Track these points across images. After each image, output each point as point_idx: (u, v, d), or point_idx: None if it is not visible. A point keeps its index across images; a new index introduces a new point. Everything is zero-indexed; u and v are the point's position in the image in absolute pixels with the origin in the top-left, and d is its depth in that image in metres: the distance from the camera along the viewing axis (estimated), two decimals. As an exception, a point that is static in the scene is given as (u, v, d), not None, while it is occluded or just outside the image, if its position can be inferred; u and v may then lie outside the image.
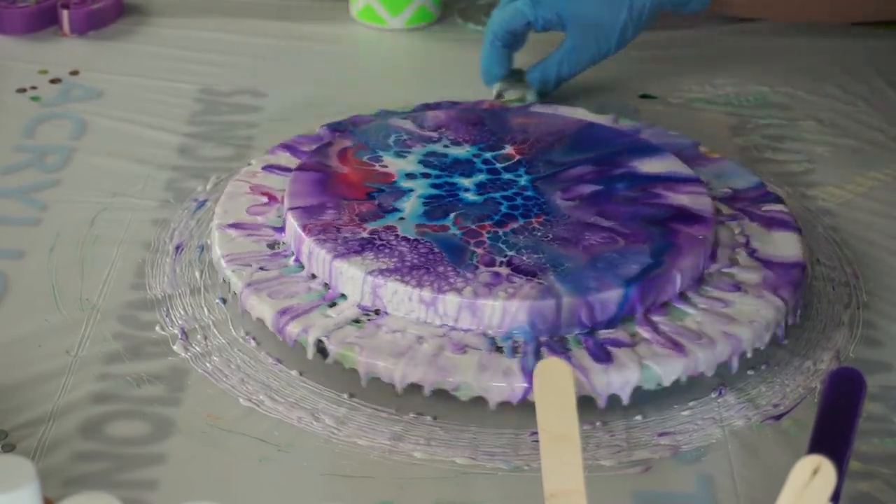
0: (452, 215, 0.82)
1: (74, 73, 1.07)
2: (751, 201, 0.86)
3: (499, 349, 0.73)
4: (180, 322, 0.79)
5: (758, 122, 1.03)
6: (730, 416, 0.74)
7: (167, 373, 0.76)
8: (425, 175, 0.86)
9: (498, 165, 0.87)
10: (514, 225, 0.81)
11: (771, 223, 0.84)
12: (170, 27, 1.15)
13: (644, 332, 0.74)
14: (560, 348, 0.73)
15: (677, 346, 0.73)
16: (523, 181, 0.85)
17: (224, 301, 0.81)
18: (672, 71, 1.10)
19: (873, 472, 0.70)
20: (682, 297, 0.77)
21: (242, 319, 0.79)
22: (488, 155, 0.88)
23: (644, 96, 1.06)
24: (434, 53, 1.13)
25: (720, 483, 0.69)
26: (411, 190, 0.84)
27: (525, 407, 0.71)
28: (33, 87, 1.05)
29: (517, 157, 0.88)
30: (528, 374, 0.71)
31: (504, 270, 0.76)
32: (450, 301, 0.74)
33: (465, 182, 0.85)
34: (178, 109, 1.02)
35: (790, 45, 1.14)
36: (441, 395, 0.72)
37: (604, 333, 0.74)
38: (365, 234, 0.79)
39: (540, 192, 0.84)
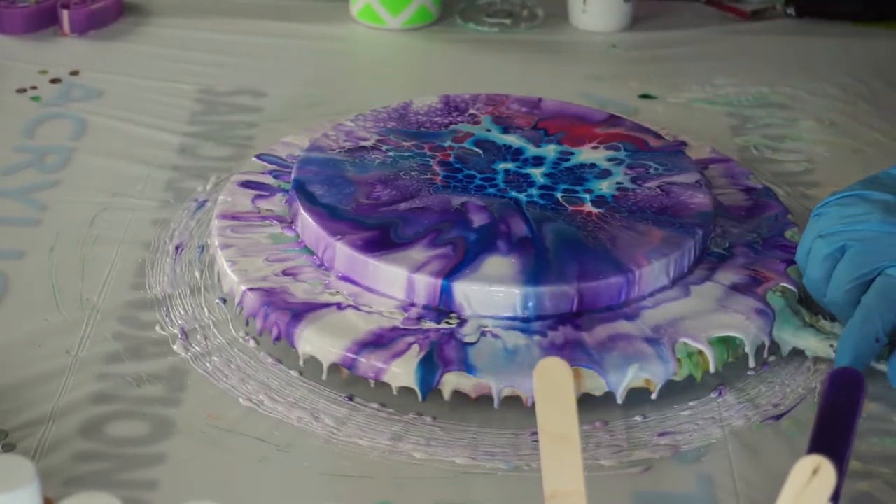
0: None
1: (74, 73, 1.06)
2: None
3: None
4: (180, 322, 0.79)
5: (758, 122, 1.03)
6: (730, 416, 0.74)
7: (167, 373, 0.76)
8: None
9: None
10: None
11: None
12: (170, 27, 1.15)
13: None
14: None
15: None
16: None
17: (224, 301, 0.81)
18: (672, 71, 1.10)
19: (873, 472, 0.70)
20: None
21: (242, 319, 0.79)
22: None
23: (644, 96, 1.06)
24: (434, 53, 1.13)
25: (720, 483, 0.69)
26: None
27: (525, 407, 0.71)
28: (33, 87, 1.05)
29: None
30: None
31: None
32: None
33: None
34: (178, 109, 1.02)
35: (790, 45, 1.14)
36: (441, 394, 0.72)
37: None
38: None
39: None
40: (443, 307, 0.76)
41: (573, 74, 1.09)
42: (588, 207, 0.82)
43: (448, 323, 0.75)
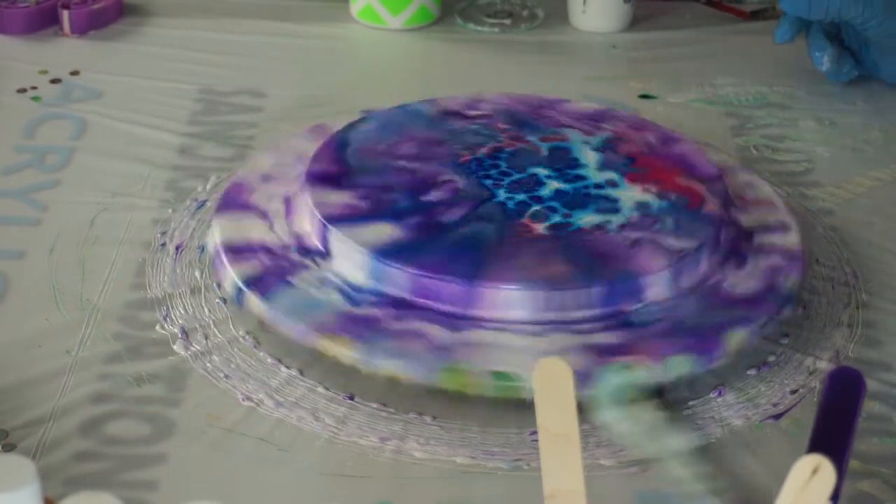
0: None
1: (74, 73, 1.06)
2: None
3: None
4: (180, 322, 0.79)
5: (758, 122, 1.03)
6: (730, 416, 0.74)
7: (167, 373, 0.76)
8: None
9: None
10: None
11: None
12: (170, 27, 1.15)
13: None
14: None
15: None
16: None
17: (224, 301, 0.81)
18: (672, 71, 1.10)
19: (873, 471, 0.70)
20: None
21: (243, 319, 0.79)
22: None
23: (644, 96, 1.06)
24: (434, 53, 1.13)
25: (720, 483, 0.69)
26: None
27: (525, 407, 0.71)
28: (33, 88, 1.05)
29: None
30: None
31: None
32: None
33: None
34: (178, 109, 1.02)
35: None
36: (441, 394, 0.72)
37: None
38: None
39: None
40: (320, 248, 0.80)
41: (573, 74, 1.09)
42: (538, 227, 0.80)
43: (315, 262, 0.79)
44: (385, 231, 0.79)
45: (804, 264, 0.82)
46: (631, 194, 0.84)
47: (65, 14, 1.12)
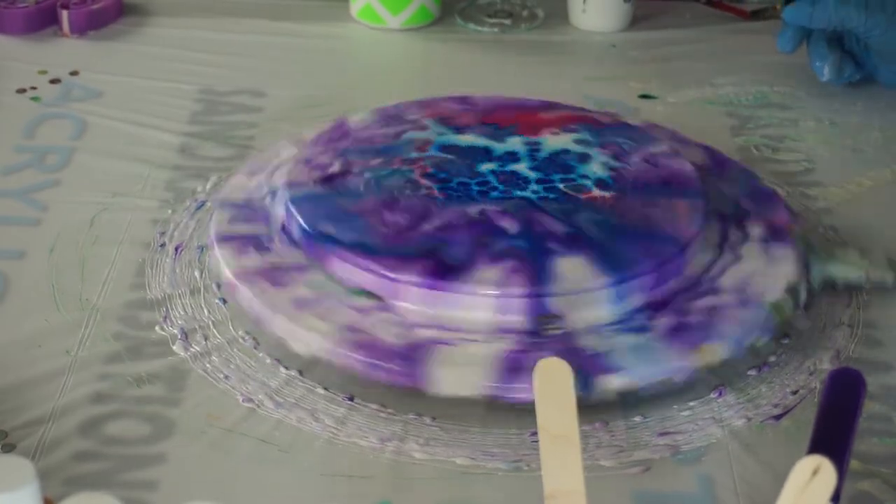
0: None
1: (74, 73, 1.06)
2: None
3: None
4: (180, 322, 0.79)
5: (758, 122, 1.03)
6: (730, 416, 0.74)
7: (167, 373, 0.76)
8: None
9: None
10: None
11: None
12: (170, 27, 1.15)
13: None
14: None
15: None
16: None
17: (224, 301, 0.81)
18: (672, 71, 1.10)
19: (873, 471, 0.70)
20: None
21: (243, 319, 0.79)
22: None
23: (644, 96, 1.06)
24: (434, 53, 1.13)
25: (720, 483, 0.69)
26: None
27: (525, 407, 0.71)
28: (33, 88, 1.05)
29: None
30: None
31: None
32: None
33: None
34: (178, 109, 1.02)
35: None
36: (441, 395, 0.72)
37: None
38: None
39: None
40: (538, 317, 0.76)
41: (573, 74, 1.09)
42: (597, 192, 0.83)
43: (556, 330, 0.75)
44: (572, 264, 0.77)
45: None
46: (556, 141, 0.89)
47: (64, 14, 1.12)
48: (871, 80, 1.06)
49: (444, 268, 0.77)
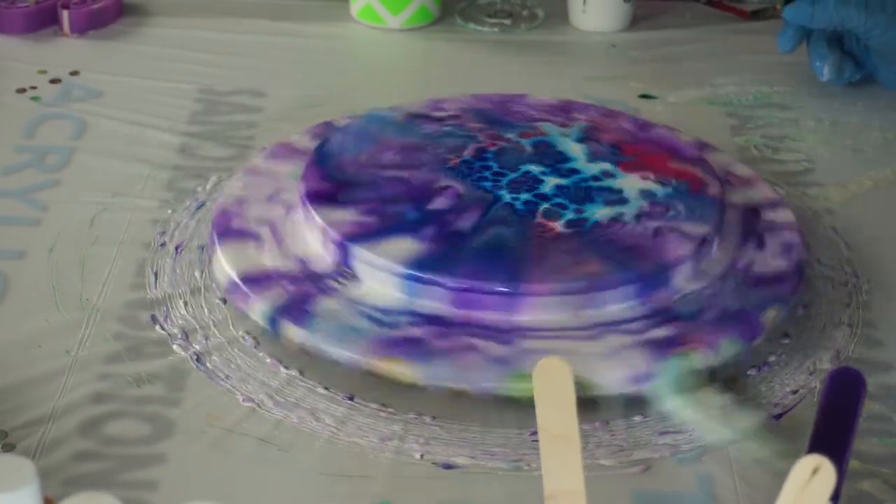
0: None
1: (74, 73, 1.06)
2: None
3: None
4: (180, 322, 0.79)
5: (758, 121, 1.03)
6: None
7: (167, 373, 0.76)
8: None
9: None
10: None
11: None
12: (170, 27, 1.15)
13: None
14: None
15: None
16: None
17: (224, 301, 0.81)
18: (672, 71, 1.10)
19: (873, 471, 0.70)
20: None
21: (242, 320, 0.79)
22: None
23: (644, 96, 1.06)
24: (434, 53, 1.13)
25: (720, 483, 0.69)
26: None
27: (525, 407, 0.71)
28: (33, 87, 1.05)
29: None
30: None
31: None
32: None
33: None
34: (178, 109, 1.02)
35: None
36: (441, 394, 0.72)
37: None
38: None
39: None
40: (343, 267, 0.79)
41: (573, 74, 1.09)
42: (557, 226, 0.80)
43: (339, 282, 0.78)
44: (405, 245, 0.78)
45: (802, 237, 0.85)
46: (632, 183, 0.85)
47: (64, 14, 1.12)
48: (871, 80, 1.06)
49: (328, 195, 0.82)
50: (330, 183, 0.84)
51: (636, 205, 0.82)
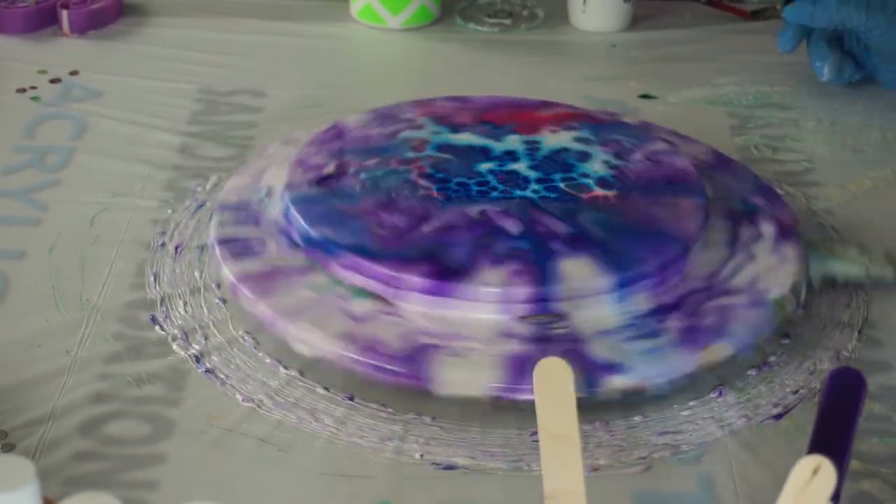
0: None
1: (74, 73, 1.06)
2: None
3: None
4: (180, 322, 0.79)
5: (758, 122, 1.03)
6: (730, 416, 0.74)
7: (167, 373, 0.76)
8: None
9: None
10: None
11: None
12: (170, 27, 1.15)
13: None
14: None
15: None
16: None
17: (224, 301, 0.81)
18: (672, 71, 1.10)
19: (873, 471, 0.70)
20: None
21: (243, 319, 0.79)
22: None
23: (644, 96, 1.06)
24: (434, 53, 1.13)
25: (720, 483, 0.69)
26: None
27: (525, 407, 0.71)
28: (33, 87, 1.05)
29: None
30: None
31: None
32: None
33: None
34: (178, 109, 1.02)
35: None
36: (441, 395, 0.72)
37: None
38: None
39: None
40: (543, 315, 0.76)
41: (573, 74, 1.09)
42: (599, 191, 0.83)
43: (560, 330, 0.75)
44: (576, 265, 0.77)
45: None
46: (556, 140, 0.89)
47: (64, 14, 1.12)
48: (871, 80, 1.06)
49: (446, 270, 0.76)
50: (419, 264, 0.77)
51: (597, 151, 0.87)
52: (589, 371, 0.72)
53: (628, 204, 0.82)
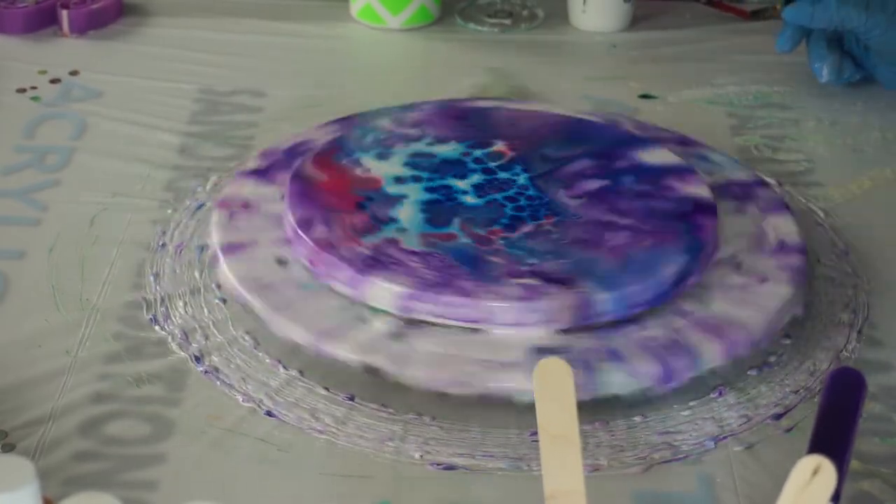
0: (457, 221, 0.80)
1: (74, 73, 1.06)
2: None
3: None
4: (180, 322, 0.79)
5: (758, 122, 1.03)
6: (730, 416, 0.74)
7: (167, 373, 0.76)
8: (416, 178, 0.84)
9: (491, 164, 0.86)
10: (526, 228, 0.80)
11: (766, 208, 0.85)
12: (170, 27, 1.15)
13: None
14: None
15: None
16: (522, 180, 0.85)
17: (224, 301, 0.81)
18: (672, 71, 1.10)
19: (873, 472, 0.70)
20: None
21: (242, 319, 0.79)
22: (478, 153, 0.87)
23: (644, 96, 1.06)
24: (434, 53, 1.13)
25: (720, 483, 0.69)
26: (404, 196, 0.82)
27: (525, 407, 0.71)
28: (33, 87, 1.05)
29: (510, 155, 0.87)
30: None
31: (534, 281, 0.75)
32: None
33: (460, 184, 0.84)
34: (178, 109, 1.02)
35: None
36: (441, 394, 0.72)
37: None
38: (366, 251, 0.78)
39: (542, 190, 0.83)
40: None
41: (573, 74, 1.09)
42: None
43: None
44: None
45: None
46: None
47: (64, 14, 1.12)
48: (871, 80, 1.06)
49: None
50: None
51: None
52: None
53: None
